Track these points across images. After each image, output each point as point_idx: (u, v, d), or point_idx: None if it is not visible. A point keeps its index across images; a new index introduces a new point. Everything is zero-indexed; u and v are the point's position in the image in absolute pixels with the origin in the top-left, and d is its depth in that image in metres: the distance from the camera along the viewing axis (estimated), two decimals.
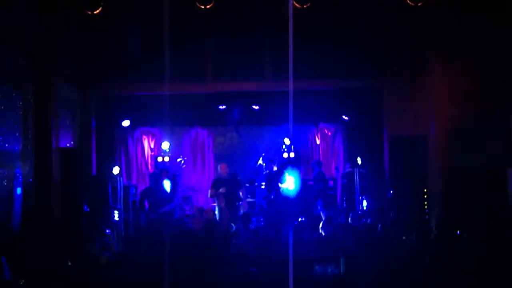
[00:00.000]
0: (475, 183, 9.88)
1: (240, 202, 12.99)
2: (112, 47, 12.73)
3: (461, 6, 10.24)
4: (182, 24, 12.00)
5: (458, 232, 8.98)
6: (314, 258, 6.83)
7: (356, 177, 13.92)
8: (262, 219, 13.45)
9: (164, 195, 13.15)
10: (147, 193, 13.17)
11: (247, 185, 14.74)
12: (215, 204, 14.41)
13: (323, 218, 12.68)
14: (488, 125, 9.27)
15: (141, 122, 16.01)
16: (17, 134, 9.47)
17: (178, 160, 15.93)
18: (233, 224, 11.39)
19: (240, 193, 13.04)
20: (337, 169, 16.39)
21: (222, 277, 6.86)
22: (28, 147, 9.87)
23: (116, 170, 12.86)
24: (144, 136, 16.55)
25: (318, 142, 16.82)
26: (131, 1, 10.38)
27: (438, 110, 10.93)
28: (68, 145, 12.15)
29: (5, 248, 7.33)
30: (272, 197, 13.77)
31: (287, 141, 15.89)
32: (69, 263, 7.05)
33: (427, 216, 11.23)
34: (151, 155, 16.47)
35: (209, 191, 13.03)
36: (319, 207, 13.42)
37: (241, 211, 12.68)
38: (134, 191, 14.03)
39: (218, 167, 13.62)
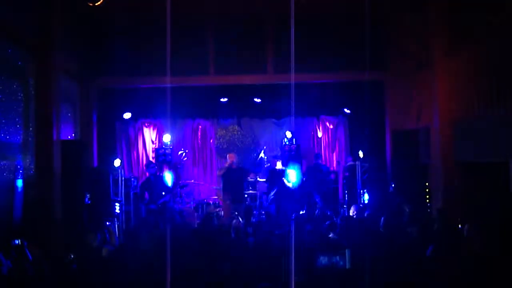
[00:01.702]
0: (478, 176, 9.84)
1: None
2: (114, 39, 12.70)
3: None
4: (184, 16, 11.98)
5: (460, 225, 8.96)
6: (315, 251, 6.80)
7: (358, 171, 13.90)
8: (263, 212, 13.44)
9: (163, 186, 13.15)
10: (147, 185, 13.18)
11: (250, 179, 14.73)
12: (216, 197, 14.46)
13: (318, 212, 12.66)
14: (491, 117, 9.22)
15: (143, 115, 16.01)
16: (18, 126, 9.46)
17: (180, 152, 15.92)
18: (238, 216, 11.38)
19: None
20: (338, 162, 16.39)
21: (223, 269, 6.85)
22: (30, 139, 9.86)
23: (117, 162, 12.86)
24: (146, 129, 16.54)
25: (320, 135, 16.81)
26: None
27: (440, 103, 10.90)
28: (69, 137, 12.15)
29: (6, 240, 7.32)
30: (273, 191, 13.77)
31: (288, 134, 15.86)
32: (70, 255, 7.04)
33: (429, 210, 11.22)
34: (152, 147, 16.46)
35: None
36: (317, 201, 13.39)
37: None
38: (135, 183, 14.04)
39: (227, 156, 13.68)
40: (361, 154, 14.13)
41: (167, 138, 15.85)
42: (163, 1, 9.59)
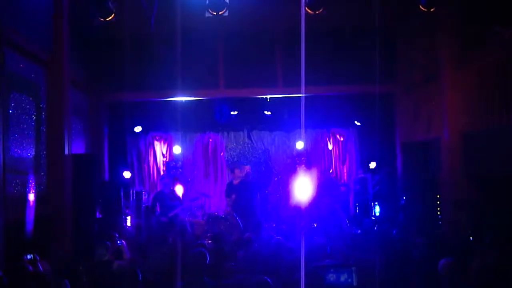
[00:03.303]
0: (489, 188, 9.80)
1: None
2: (124, 53, 12.77)
3: (473, 10, 10.18)
4: (193, 30, 12.04)
5: (471, 237, 8.91)
6: (327, 265, 6.78)
7: (369, 183, 13.86)
8: (273, 226, 13.40)
9: (175, 199, 13.18)
10: (159, 197, 13.22)
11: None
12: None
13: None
14: (502, 128, 9.19)
15: (153, 128, 16.09)
16: (29, 140, 9.52)
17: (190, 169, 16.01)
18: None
19: None
20: (349, 175, 16.36)
21: (233, 284, 6.85)
22: (41, 153, 9.92)
23: (127, 174, 12.90)
24: (156, 142, 16.61)
25: (330, 147, 16.79)
26: (143, 8, 10.41)
27: (450, 114, 10.87)
28: (80, 151, 12.20)
29: (18, 253, 7.36)
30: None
31: (299, 145, 15.89)
32: (81, 269, 7.06)
33: (440, 222, 11.17)
34: (163, 161, 16.52)
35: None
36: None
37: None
38: (146, 196, 14.08)
39: (234, 171, 13.72)
40: (372, 165, 14.10)
41: (177, 149, 15.93)
42: (174, 15, 9.67)
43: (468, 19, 10.37)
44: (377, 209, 13.45)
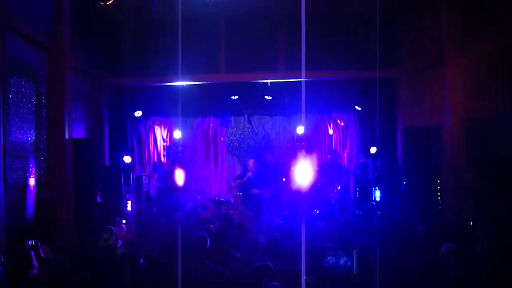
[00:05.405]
0: (491, 174, 9.78)
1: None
2: (125, 38, 12.73)
3: None
4: (194, 15, 11.99)
5: (471, 222, 8.91)
6: (327, 249, 6.78)
7: (370, 168, 13.85)
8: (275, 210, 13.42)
9: (175, 184, 13.21)
10: (156, 166, 13.32)
11: None
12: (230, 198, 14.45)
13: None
14: (505, 114, 9.16)
15: (154, 113, 16.06)
16: (30, 125, 9.50)
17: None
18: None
19: None
20: (350, 160, 16.35)
21: (235, 268, 6.85)
22: (41, 138, 9.90)
23: (127, 159, 12.91)
24: (157, 126, 16.59)
25: (331, 132, 16.77)
26: None
27: (452, 100, 10.84)
28: (81, 136, 12.18)
29: (19, 239, 7.36)
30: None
31: (300, 130, 15.88)
32: (82, 255, 7.07)
33: (440, 208, 11.17)
34: (163, 145, 16.52)
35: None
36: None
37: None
38: (146, 181, 14.08)
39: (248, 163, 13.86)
40: (372, 150, 14.08)
41: (177, 134, 15.93)
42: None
43: (471, 4, 10.31)
44: (378, 194, 13.45)
